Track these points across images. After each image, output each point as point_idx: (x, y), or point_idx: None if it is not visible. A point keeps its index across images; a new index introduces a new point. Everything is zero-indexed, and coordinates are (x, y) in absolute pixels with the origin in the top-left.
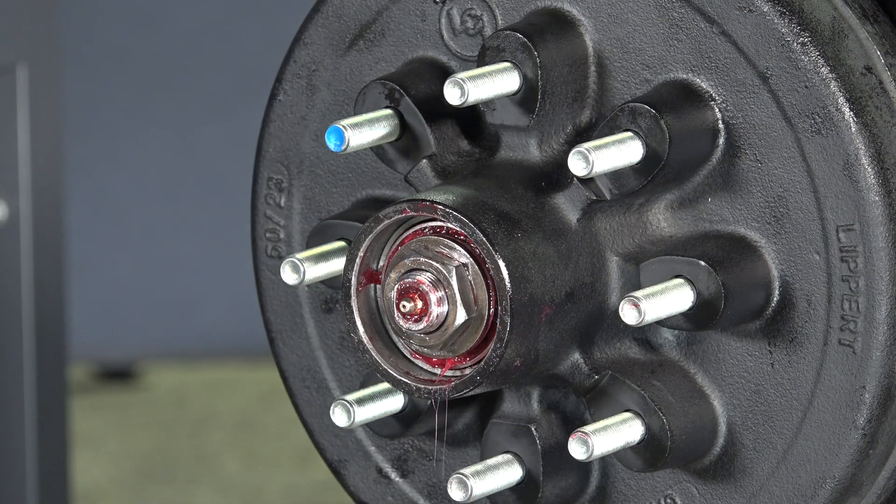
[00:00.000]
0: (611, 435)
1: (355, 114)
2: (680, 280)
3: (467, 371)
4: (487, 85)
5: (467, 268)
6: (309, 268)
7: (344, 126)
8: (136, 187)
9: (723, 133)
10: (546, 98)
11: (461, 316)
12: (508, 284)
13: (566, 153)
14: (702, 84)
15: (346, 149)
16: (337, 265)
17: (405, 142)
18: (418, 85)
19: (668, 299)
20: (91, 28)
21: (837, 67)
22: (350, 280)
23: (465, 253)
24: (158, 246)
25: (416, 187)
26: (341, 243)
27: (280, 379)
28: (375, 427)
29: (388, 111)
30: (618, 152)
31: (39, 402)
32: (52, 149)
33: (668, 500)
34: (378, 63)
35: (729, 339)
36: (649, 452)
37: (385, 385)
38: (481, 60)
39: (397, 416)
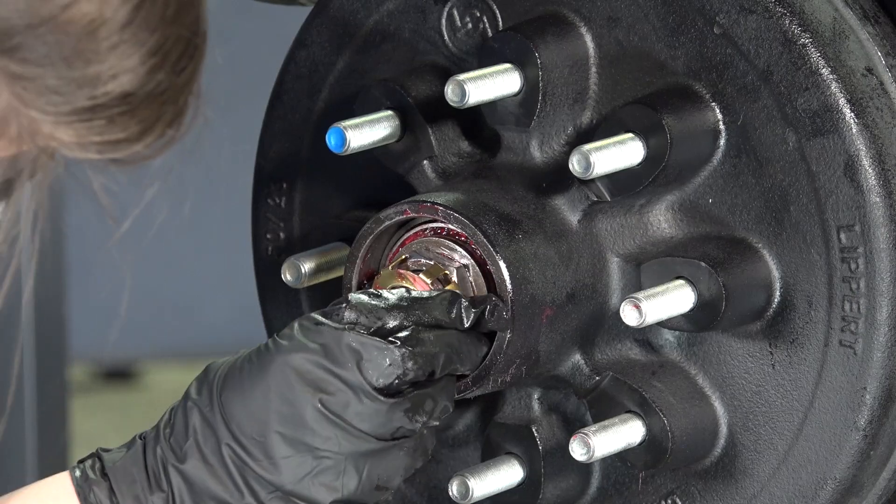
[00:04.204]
0: (612, 436)
1: (356, 115)
2: (681, 281)
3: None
4: (488, 86)
5: (468, 269)
6: None
7: (345, 127)
8: (136, 187)
9: (724, 134)
10: (547, 99)
11: None
12: (509, 285)
13: (567, 154)
14: (703, 85)
15: (346, 150)
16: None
17: (406, 143)
18: (419, 86)
19: (669, 300)
20: None
21: (838, 68)
22: (351, 281)
23: (466, 254)
24: (158, 246)
25: (417, 188)
26: (340, 244)
27: None
28: None
29: (389, 112)
30: (619, 153)
31: (39, 402)
32: None
33: (670, 502)
34: (379, 64)
35: (730, 340)
36: (650, 453)
37: None
38: (482, 61)
39: None
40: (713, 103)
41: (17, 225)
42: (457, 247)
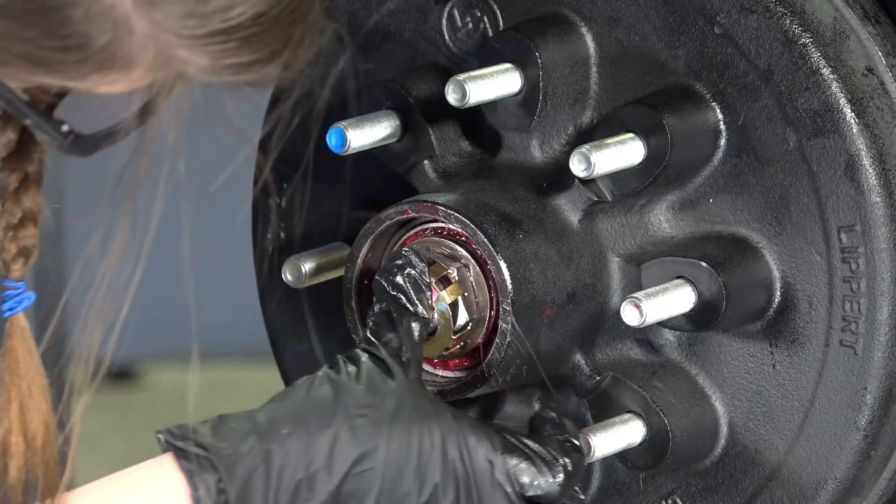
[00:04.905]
0: (612, 436)
1: (357, 114)
2: (681, 281)
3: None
4: (489, 86)
5: (469, 269)
6: None
7: (345, 126)
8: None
9: (724, 134)
10: (547, 99)
11: (462, 317)
12: (510, 285)
13: (568, 154)
14: (703, 85)
15: (347, 149)
16: None
17: (406, 143)
18: (420, 86)
19: (670, 300)
20: None
21: (839, 68)
22: (351, 281)
23: (467, 254)
24: (158, 246)
25: (417, 188)
26: (341, 243)
27: (281, 379)
28: None
29: (390, 112)
30: (619, 153)
31: None
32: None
33: (670, 502)
34: (380, 64)
35: (730, 340)
36: (651, 453)
37: None
38: (483, 61)
39: None
40: (714, 103)
41: (158, 154)
42: (457, 247)
